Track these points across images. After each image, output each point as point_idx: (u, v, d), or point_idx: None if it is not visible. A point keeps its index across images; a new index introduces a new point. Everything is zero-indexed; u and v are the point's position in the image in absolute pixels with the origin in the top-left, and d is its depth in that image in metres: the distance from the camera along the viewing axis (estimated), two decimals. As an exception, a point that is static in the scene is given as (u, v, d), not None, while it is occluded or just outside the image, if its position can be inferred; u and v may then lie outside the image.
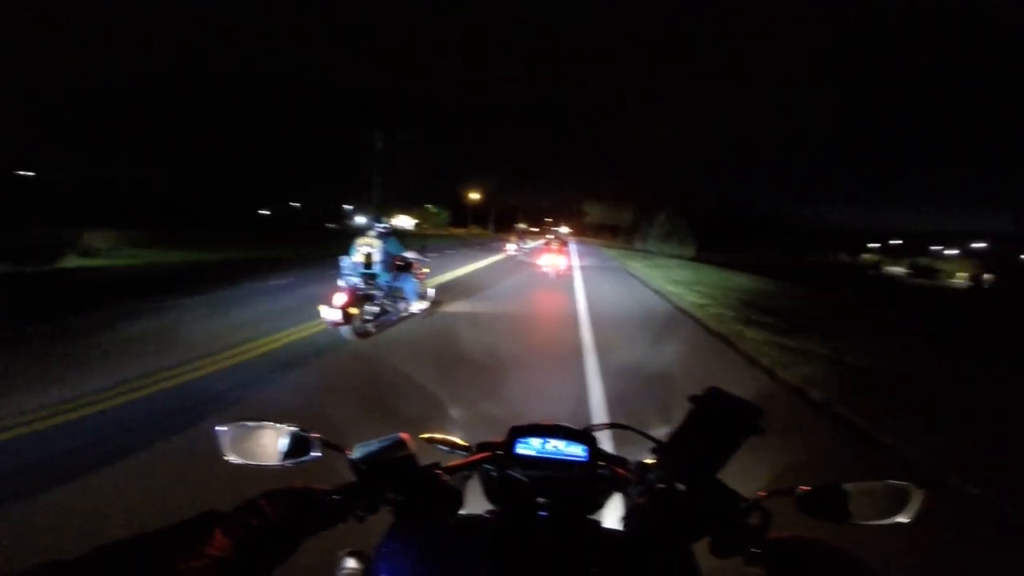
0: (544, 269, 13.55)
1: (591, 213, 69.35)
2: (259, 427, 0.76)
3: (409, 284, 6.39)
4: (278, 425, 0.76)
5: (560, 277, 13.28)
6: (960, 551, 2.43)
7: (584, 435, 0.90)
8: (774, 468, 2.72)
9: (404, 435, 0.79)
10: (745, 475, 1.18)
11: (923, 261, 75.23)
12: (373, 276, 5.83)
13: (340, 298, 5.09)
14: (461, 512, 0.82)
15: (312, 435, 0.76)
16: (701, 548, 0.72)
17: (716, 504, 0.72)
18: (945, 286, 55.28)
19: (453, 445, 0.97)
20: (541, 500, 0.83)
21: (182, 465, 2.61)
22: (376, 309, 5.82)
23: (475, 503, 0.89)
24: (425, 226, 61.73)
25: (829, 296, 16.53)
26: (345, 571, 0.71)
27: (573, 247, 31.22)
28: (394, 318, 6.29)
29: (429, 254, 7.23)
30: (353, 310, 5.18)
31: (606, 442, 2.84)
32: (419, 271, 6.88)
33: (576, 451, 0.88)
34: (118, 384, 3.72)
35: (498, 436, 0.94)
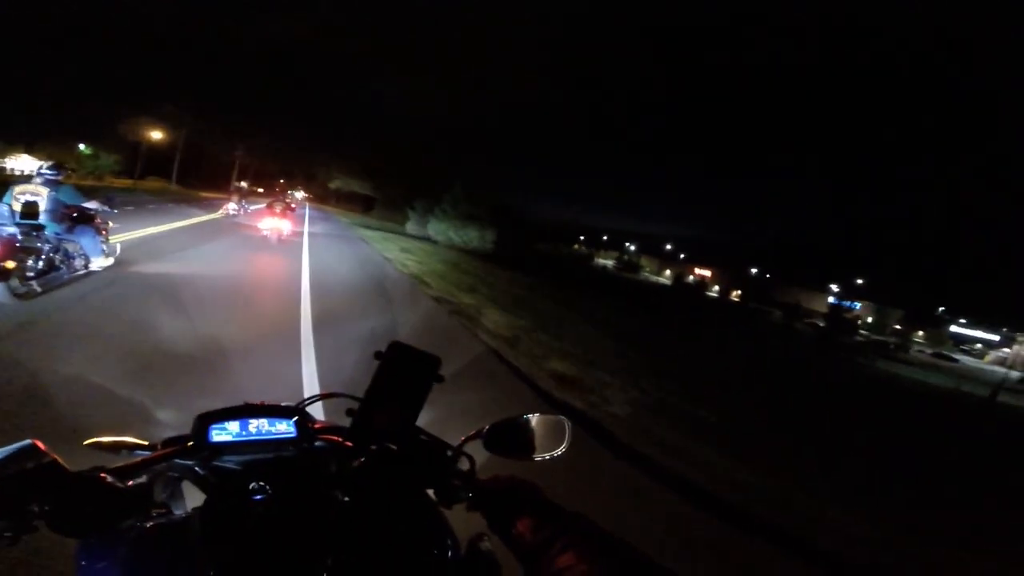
0: (264, 233, 13.15)
1: (338, 179, 60.22)
2: None
3: (88, 238, 5.80)
4: None
5: (284, 243, 13.18)
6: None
7: (288, 410, 0.88)
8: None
9: (37, 441, 0.68)
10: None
11: (628, 257, 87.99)
12: (38, 227, 5.13)
13: (-12, 250, 4.44)
14: (178, 513, 0.80)
15: None
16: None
17: (426, 456, 0.76)
18: (651, 282, 67.73)
19: (132, 446, 0.88)
20: (254, 485, 0.80)
21: None
22: (41, 265, 5.16)
23: (194, 503, 0.86)
24: (72, 172, 40.30)
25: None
26: None
27: (311, 214, 29.65)
28: (66, 276, 5.61)
29: (118, 206, 6.54)
30: (8, 264, 4.58)
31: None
32: (102, 224, 6.25)
33: (284, 428, 0.85)
34: None
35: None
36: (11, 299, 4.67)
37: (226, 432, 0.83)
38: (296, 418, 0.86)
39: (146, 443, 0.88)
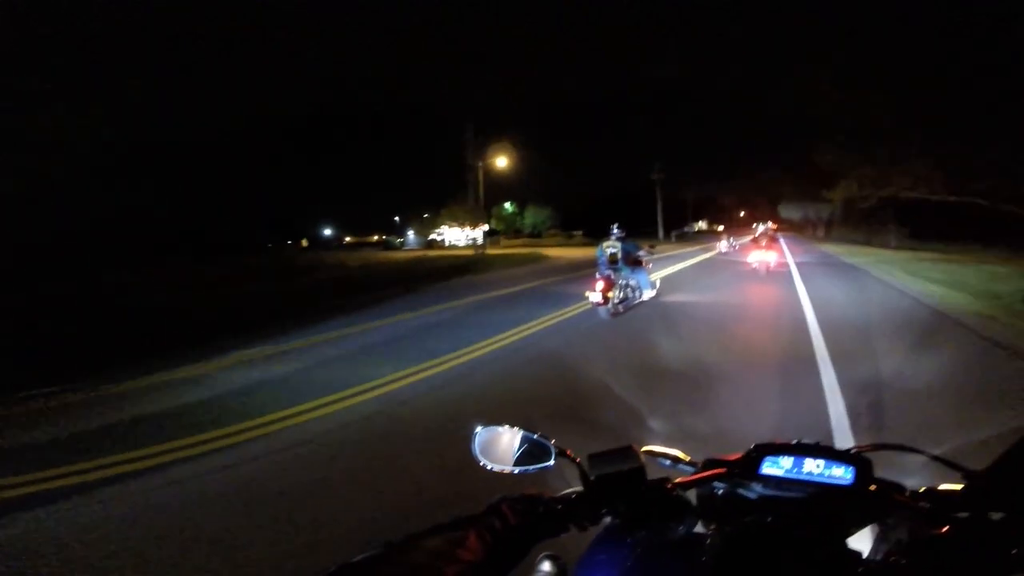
0: (753, 265, 13.59)
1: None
2: (503, 431, 0.80)
3: (642, 276, 8.17)
4: (518, 430, 0.79)
5: (772, 273, 13.00)
6: None
7: (852, 457, 0.78)
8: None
9: (635, 445, 0.76)
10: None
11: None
12: (617, 270, 7.76)
13: (600, 284, 7.16)
14: (679, 528, 0.79)
15: (550, 442, 0.77)
16: None
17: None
18: None
19: (675, 459, 0.92)
20: (775, 521, 0.72)
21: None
22: (621, 295, 7.73)
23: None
24: (498, 231, 45.72)
25: None
26: (540, 574, 0.68)
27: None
28: (633, 303, 8.14)
29: (655, 255, 8.94)
30: (609, 294, 7.19)
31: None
32: (647, 266, 8.59)
33: (839, 473, 0.75)
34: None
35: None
36: (607, 316, 7.28)
37: (778, 466, 0.77)
38: (857, 467, 0.75)
39: (687, 458, 0.90)
